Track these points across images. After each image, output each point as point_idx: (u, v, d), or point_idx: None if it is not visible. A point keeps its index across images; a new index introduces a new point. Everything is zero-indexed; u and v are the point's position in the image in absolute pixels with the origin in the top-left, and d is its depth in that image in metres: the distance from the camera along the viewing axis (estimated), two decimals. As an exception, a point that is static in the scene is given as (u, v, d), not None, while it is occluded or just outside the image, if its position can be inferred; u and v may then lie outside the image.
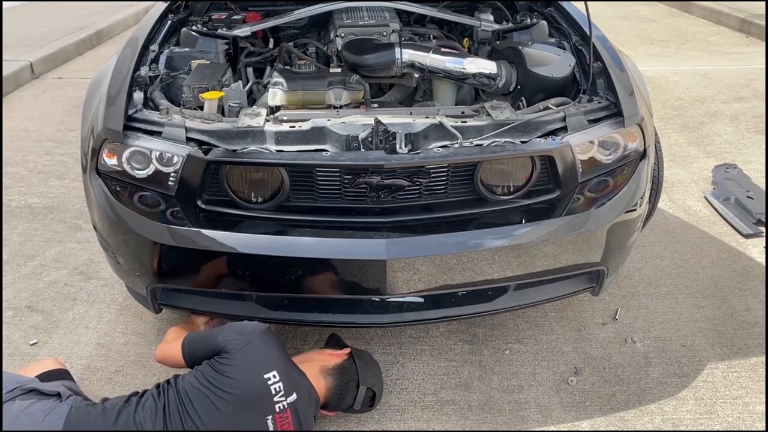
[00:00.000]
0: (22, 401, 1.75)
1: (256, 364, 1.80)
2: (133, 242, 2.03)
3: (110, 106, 2.04)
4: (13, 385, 1.81)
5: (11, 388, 1.79)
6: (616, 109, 2.11)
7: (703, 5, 8.25)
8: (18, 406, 1.74)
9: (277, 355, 1.85)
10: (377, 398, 2.06)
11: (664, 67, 5.96)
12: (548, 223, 2.01)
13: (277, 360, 1.84)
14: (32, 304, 2.68)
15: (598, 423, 2.12)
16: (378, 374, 2.09)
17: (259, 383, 1.77)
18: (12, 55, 5.85)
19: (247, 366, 1.79)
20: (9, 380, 1.83)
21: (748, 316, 2.60)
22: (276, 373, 1.79)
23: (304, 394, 1.85)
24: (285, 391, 1.79)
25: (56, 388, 1.83)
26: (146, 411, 1.76)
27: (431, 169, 1.99)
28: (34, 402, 1.76)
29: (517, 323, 2.55)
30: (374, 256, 1.90)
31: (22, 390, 1.79)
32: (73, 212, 3.39)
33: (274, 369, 1.80)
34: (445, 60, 2.33)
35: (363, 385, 1.99)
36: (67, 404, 1.77)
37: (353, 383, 1.98)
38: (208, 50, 2.49)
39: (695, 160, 3.99)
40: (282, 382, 1.79)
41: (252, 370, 1.78)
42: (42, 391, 1.81)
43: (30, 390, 1.80)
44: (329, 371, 1.97)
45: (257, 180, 2.03)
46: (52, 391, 1.81)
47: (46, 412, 1.73)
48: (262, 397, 1.77)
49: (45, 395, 1.79)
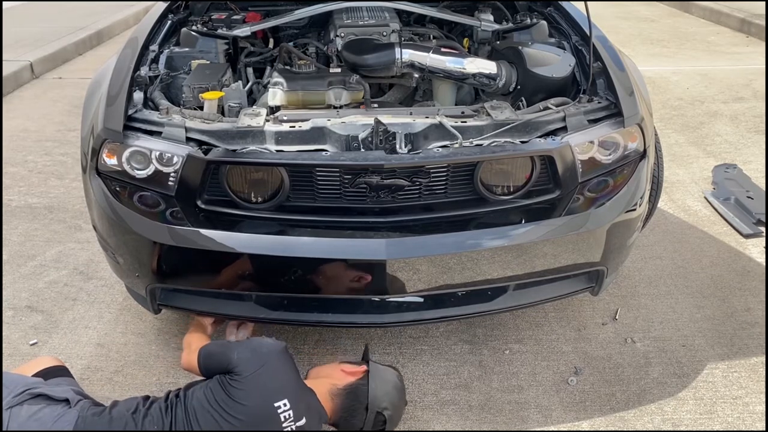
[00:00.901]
0: (30, 406, 1.73)
1: (267, 391, 1.75)
2: (133, 242, 2.03)
3: (110, 106, 2.04)
4: (21, 387, 1.79)
5: (20, 391, 1.77)
6: (616, 109, 2.11)
7: (703, 5, 8.25)
8: (26, 411, 1.72)
9: (289, 380, 1.80)
10: (389, 422, 1.91)
11: (664, 67, 5.97)
12: (548, 223, 2.01)
13: (288, 386, 1.78)
14: (32, 304, 2.68)
15: (598, 423, 2.12)
16: (393, 397, 1.93)
17: (269, 411, 1.74)
18: (12, 55, 5.86)
19: (258, 393, 1.74)
20: (16, 382, 1.81)
21: (748, 316, 2.60)
22: (287, 401, 1.75)
23: (314, 419, 1.81)
24: (295, 417, 1.76)
25: (65, 393, 1.81)
26: (153, 425, 1.73)
27: (431, 169, 1.99)
28: (43, 407, 1.74)
29: (517, 323, 2.55)
30: (374, 256, 1.90)
31: (30, 394, 1.77)
32: (73, 212, 3.39)
33: (285, 397, 1.75)
34: (445, 60, 2.33)
35: (372, 410, 1.87)
36: (75, 411, 1.75)
37: (361, 406, 1.87)
38: (208, 50, 2.49)
39: (695, 160, 3.99)
40: (292, 410, 1.75)
41: (262, 398, 1.74)
42: (51, 396, 1.79)
43: (38, 395, 1.78)
44: (338, 392, 1.88)
45: (257, 180, 2.03)
46: (61, 396, 1.79)
47: (55, 418, 1.71)
48: (271, 425, 1.74)
49: (54, 400, 1.78)
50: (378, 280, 1.94)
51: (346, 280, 2.00)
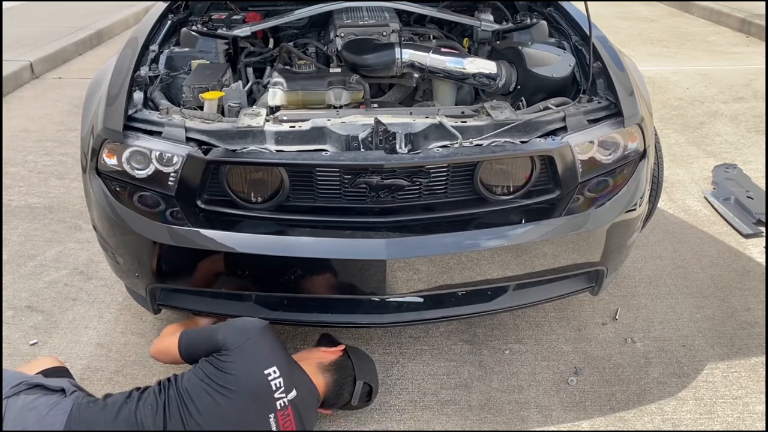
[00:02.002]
0: (27, 395, 1.76)
1: (256, 359, 1.81)
2: (133, 242, 2.03)
3: (110, 106, 2.05)
4: (19, 380, 1.81)
5: (17, 383, 1.79)
6: (616, 109, 2.11)
7: (703, 5, 8.25)
8: (23, 401, 1.74)
9: (276, 351, 1.86)
10: (374, 393, 2.07)
11: (664, 67, 5.97)
12: (548, 223, 2.01)
13: (276, 356, 1.85)
14: (32, 304, 2.68)
15: (598, 423, 2.12)
16: (373, 369, 2.10)
17: (260, 378, 1.78)
18: (12, 55, 5.86)
19: (247, 362, 1.79)
20: (13, 377, 1.83)
21: (748, 316, 2.60)
22: (276, 368, 1.80)
23: (305, 391, 1.86)
24: (285, 387, 1.80)
25: (61, 383, 1.84)
26: (147, 408, 1.76)
27: (431, 169, 1.99)
28: (39, 396, 1.76)
29: (517, 323, 2.55)
30: (374, 256, 1.90)
31: (27, 385, 1.79)
32: (73, 212, 3.39)
33: (274, 365, 1.81)
34: (445, 60, 2.33)
35: (360, 380, 2.00)
36: (71, 400, 1.77)
37: (350, 378, 1.99)
38: (208, 50, 2.49)
39: (695, 160, 3.99)
40: (282, 378, 1.80)
41: (252, 366, 1.79)
42: (47, 386, 1.81)
43: (35, 385, 1.80)
44: (327, 367, 1.98)
45: (257, 180, 2.03)
46: (57, 386, 1.82)
47: (50, 406, 1.73)
48: (264, 393, 1.77)
49: (50, 390, 1.80)
50: (378, 280, 1.94)
51: (346, 280, 2.00)
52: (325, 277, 1.99)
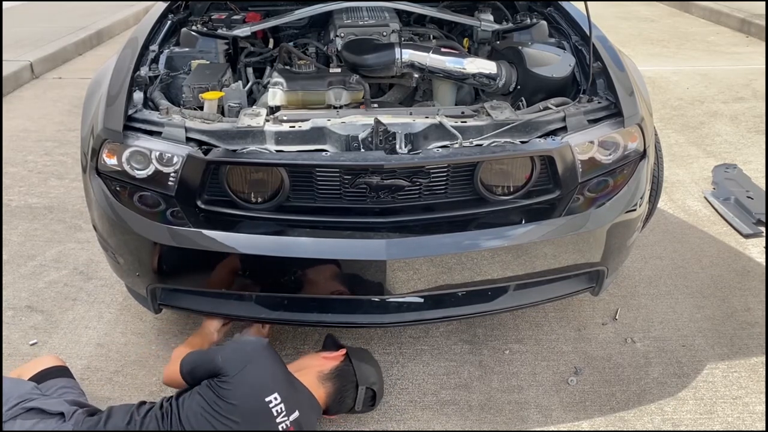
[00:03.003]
0: (24, 421, 1.72)
1: (255, 387, 1.76)
2: (133, 242, 2.03)
3: (110, 106, 2.04)
4: (15, 400, 1.77)
5: (13, 404, 1.75)
6: (616, 109, 2.11)
7: (703, 5, 8.25)
8: (20, 426, 1.70)
9: (276, 375, 1.82)
10: (378, 397, 2.04)
11: (664, 67, 5.96)
12: (548, 223, 2.01)
13: (276, 380, 1.80)
14: (32, 304, 2.68)
15: (598, 423, 2.12)
16: (377, 372, 2.07)
17: (261, 407, 1.75)
18: (12, 55, 5.85)
19: (247, 390, 1.75)
20: (9, 392, 1.79)
21: (748, 316, 2.60)
22: (277, 395, 1.76)
23: (306, 409, 1.83)
24: (287, 411, 1.77)
25: (59, 406, 1.79)
26: None
27: (431, 169, 1.99)
28: (37, 422, 1.73)
29: (517, 323, 2.55)
30: (374, 256, 1.90)
31: (23, 408, 1.75)
32: (73, 212, 3.39)
33: (275, 391, 1.77)
34: (445, 60, 2.33)
35: (362, 386, 1.97)
36: (70, 425, 1.74)
37: (352, 385, 1.96)
38: (208, 50, 2.49)
39: (695, 160, 3.99)
40: (284, 403, 1.76)
41: (252, 395, 1.75)
42: (45, 410, 1.77)
43: (31, 408, 1.76)
44: (327, 376, 1.94)
45: (257, 180, 2.03)
46: (56, 410, 1.77)
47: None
48: (265, 421, 1.75)
49: (48, 414, 1.76)
50: (378, 280, 1.94)
51: (346, 280, 2.00)
52: (325, 277, 1.99)
